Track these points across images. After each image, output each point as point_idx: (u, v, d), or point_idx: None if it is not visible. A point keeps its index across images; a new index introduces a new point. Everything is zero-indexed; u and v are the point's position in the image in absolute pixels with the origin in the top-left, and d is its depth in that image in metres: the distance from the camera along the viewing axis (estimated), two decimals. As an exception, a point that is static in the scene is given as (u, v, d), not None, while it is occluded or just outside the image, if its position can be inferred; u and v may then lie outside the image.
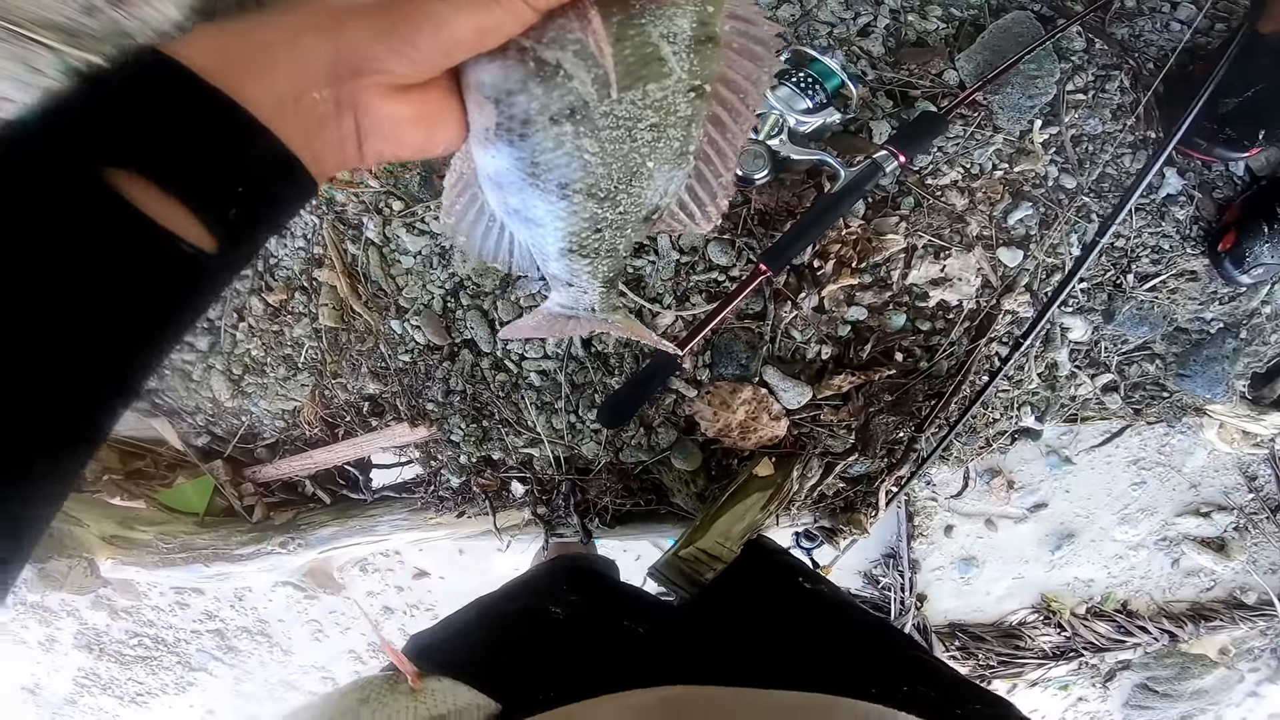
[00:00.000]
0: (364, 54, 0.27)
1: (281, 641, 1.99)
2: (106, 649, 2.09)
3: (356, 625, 1.91)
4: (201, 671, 2.12)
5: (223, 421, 1.08)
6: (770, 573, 0.90)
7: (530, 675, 0.59)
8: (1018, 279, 0.96)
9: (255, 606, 1.92)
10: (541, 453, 0.95)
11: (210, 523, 1.18)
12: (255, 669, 2.10)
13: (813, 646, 0.70)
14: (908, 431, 1.00)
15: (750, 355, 0.91)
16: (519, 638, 0.70)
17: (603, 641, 0.73)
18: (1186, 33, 1.04)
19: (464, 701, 0.51)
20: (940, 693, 0.57)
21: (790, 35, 0.93)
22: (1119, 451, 1.50)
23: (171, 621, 1.98)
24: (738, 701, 0.46)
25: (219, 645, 2.04)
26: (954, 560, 1.68)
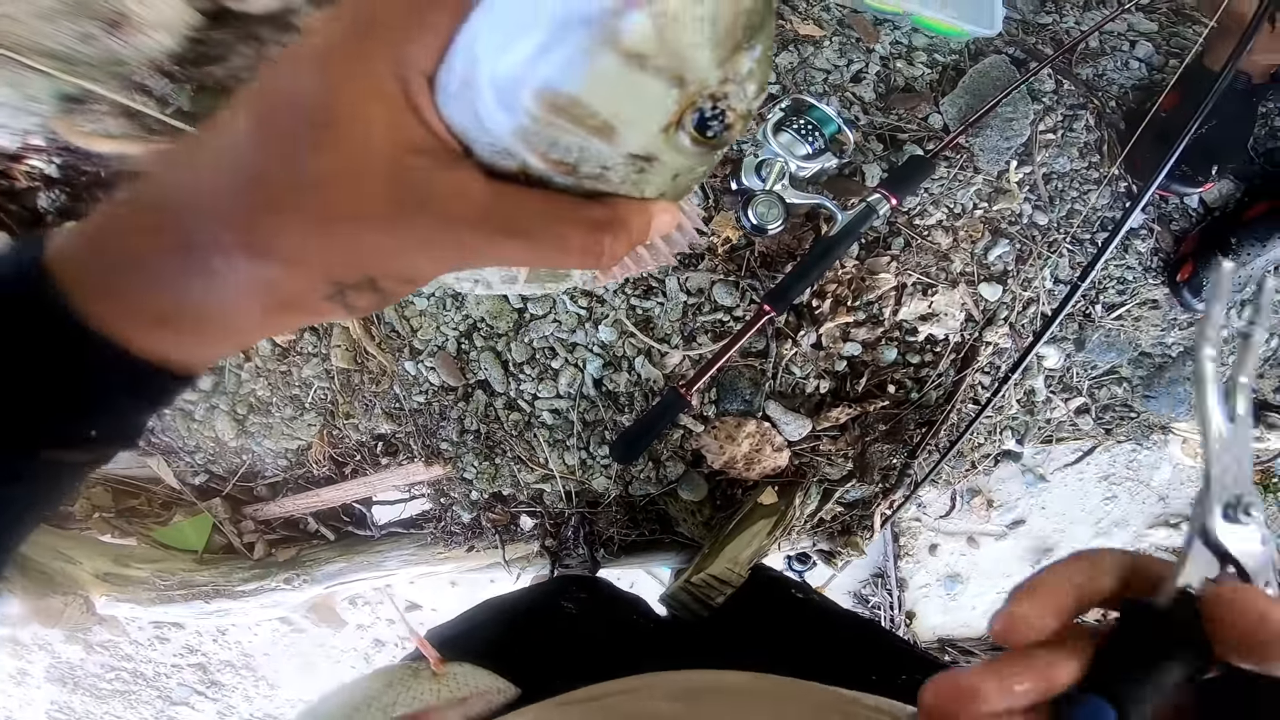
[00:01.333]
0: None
1: (268, 675, 1.97)
2: (81, 683, 2.04)
3: (347, 659, 1.90)
4: (183, 706, 2.08)
5: (223, 460, 1.08)
6: (766, 587, 0.95)
7: (547, 662, 0.62)
8: (998, 312, 1.03)
9: (239, 640, 1.90)
10: (553, 488, 0.98)
11: (209, 560, 1.18)
12: (239, 703, 2.06)
13: (814, 642, 0.75)
14: (901, 458, 1.06)
15: (754, 391, 0.95)
16: (535, 628, 0.73)
17: (616, 632, 0.77)
18: (1143, 69, 1.13)
19: (485, 685, 0.54)
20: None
21: (789, 82, 0.98)
22: (1090, 468, 1.58)
23: (150, 655, 1.94)
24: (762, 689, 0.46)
25: (201, 679, 2.01)
26: (939, 578, 1.75)
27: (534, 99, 0.22)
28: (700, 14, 0.21)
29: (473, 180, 0.24)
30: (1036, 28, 1.14)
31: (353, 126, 0.23)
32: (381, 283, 0.25)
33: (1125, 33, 1.17)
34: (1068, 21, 1.16)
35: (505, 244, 0.25)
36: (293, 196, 0.23)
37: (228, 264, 0.23)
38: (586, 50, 0.21)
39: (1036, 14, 1.16)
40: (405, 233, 0.24)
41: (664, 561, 1.17)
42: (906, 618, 1.78)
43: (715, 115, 0.24)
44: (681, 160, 0.26)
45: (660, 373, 0.93)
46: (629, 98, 0.23)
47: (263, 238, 0.23)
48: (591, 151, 0.24)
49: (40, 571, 1.11)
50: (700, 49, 0.22)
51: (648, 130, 0.24)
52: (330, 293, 0.24)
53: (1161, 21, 1.19)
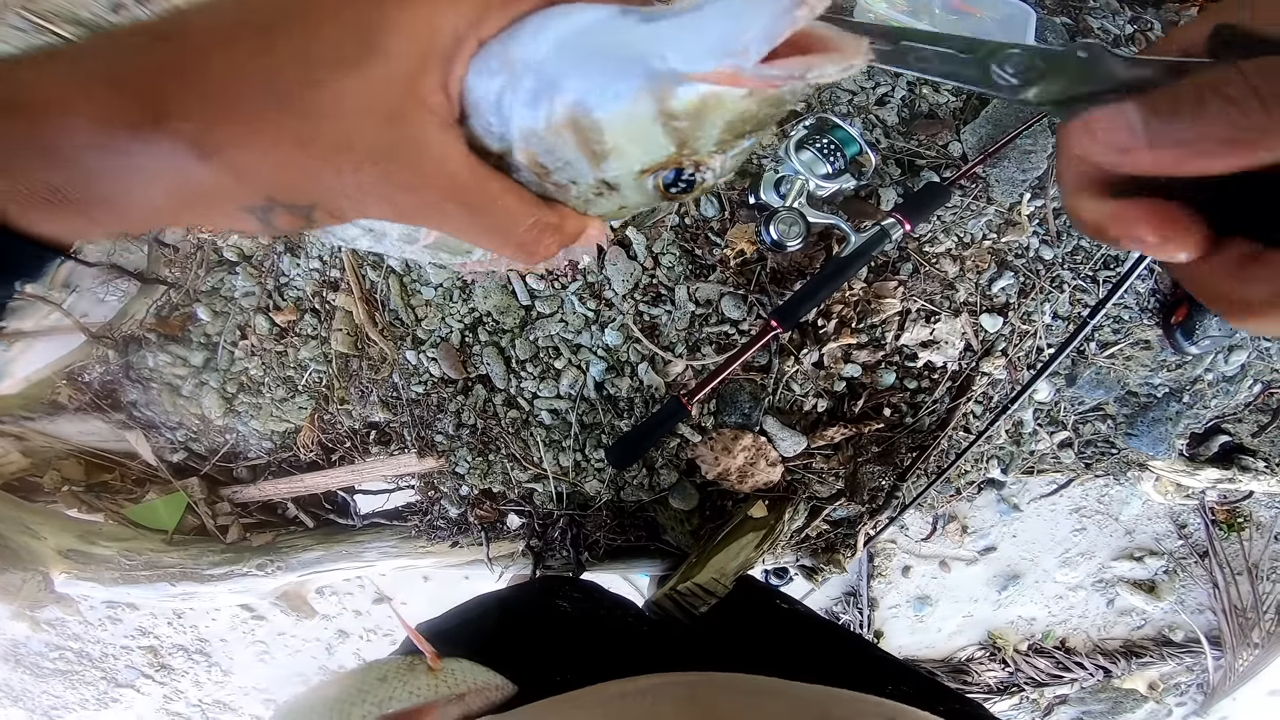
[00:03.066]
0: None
1: (221, 661, 1.93)
2: (23, 660, 1.98)
3: (308, 649, 1.87)
4: (128, 688, 2.03)
5: (205, 438, 1.06)
6: (751, 596, 0.96)
7: (544, 659, 0.61)
8: (996, 344, 1.05)
9: (195, 625, 1.86)
10: (545, 488, 0.98)
11: (180, 541, 1.15)
12: (188, 688, 2.02)
13: (802, 650, 0.76)
14: (890, 480, 1.08)
15: (753, 405, 0.96)
16: (530, 625, 0.73)
17: (612, 632, 0.77)
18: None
19: (483, 681, 0.53)
20: (918, 691, 0.62)
21: (814, 101, 1.00)
22: (1063, 500, 1.64)
23: (100, 636, 1.89)
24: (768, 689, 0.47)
25: (150, 663, 1.96)
26: (910, 599, 1.79)
27: (565, 109, 0.25)
28: (737, 107, 0.25)
29: (457, 146, 0.25)
30: (1059, 63, 1.17)
31: (385, 59, 0.22)
32: (318, 213, 0.25)
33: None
34: (1093, 58, 1.19)
35: (461, 215, 0.26)
36: (285, 112, 0.22)
37: (168, 159, 0.21)
38: (634, 94, 0.24)
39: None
40: (378, 177, 0.23)
41: (648, 569, 1.17)
42: (875, 636, 1.82)
43: (689, 178, 0.27)
44: (637, 198, 0.29)
45: (663, 380, 0.94)
46: (638, 141, 0.26)
47: (226, 144, 0.21)
48: (574, 168, 0.27)
49: (3, 545, 1.07)
50: (713, 131, 0.25)
51: (629, 168, 0.27)
52: (258, 206, 0.23)
53: None
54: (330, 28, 0.22)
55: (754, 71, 0.23)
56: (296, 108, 0.22)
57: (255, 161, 0.22)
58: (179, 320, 0.95)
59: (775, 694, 0.46)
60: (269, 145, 0.22)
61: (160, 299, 0.93)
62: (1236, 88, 0.20)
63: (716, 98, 0.24)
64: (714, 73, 0.23)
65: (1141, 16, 1.26)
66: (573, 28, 0.25)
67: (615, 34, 0.25)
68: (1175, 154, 0.21)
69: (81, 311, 1.04)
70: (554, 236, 0.28)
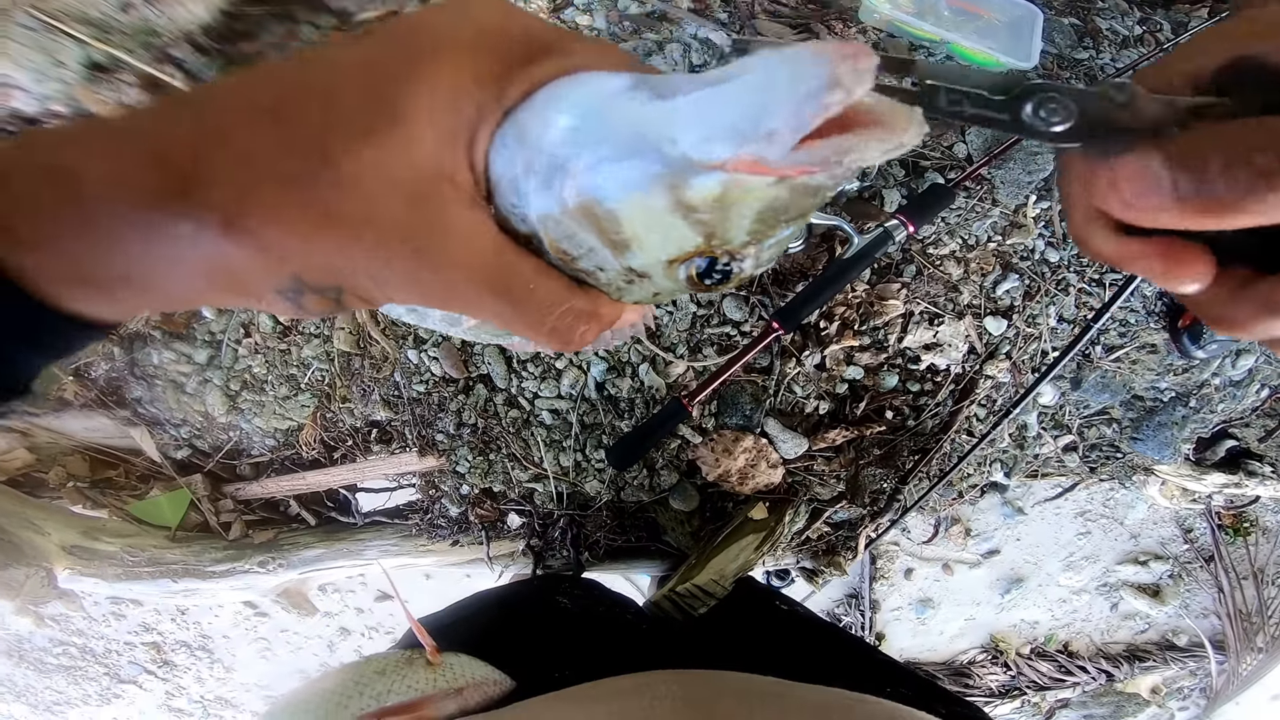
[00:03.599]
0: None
1: (224, 658, 1.94)
2: (26, 656, 2.00)
3: (310, 646, 1.88)
4: (130, 684, 2.05)
5: (209, 436, 1.07)
6: (751, 597, 0.97)
7: (542, 655, 0.62)
8: (1000, 347, 1.05)
9: (198, 621, 1.87)
10: (545, 487, 0.99)
11: (182, 538, 1.16)
12: (190, 684, 2.03)
13: (801, 650, 0.77)
14: (892, 483, 1.08)
15: (754, 407, 0.97)
16: (530, 621, 0.73)
17: (612, 629, 0.78)
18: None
19: (481, 676, 0.54)
20: (917, 693, 0.63)
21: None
22: (1067, 504, 1.64)
23: (104, 632, 1.90)
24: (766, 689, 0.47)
25: (153, 659, 1.98)
26: (912, 601, 1.79)
27: (576, 196, 0.23)
28: (766, 196, 0.22)
29: (485, 227, 0.24)
30: (1072, 62, 1.17)
31: (406, 133, 0.22)
32: (346, 296, 0.24)
33: (1157, 72, 1.20)
34: (1104, 58, 1.19)
35: (489, 301, 0.25)
36: (306, 188, 0.21)
37: (196, 234, 0.21)
38: (647, 183, 0.22)
39: (1073, 49, 1.18)
40: (401, 257, 0.23)
41: (648, 569, 1.18)
42: (876, 638, 1.82)
43: (724, 269, 0.25)
44: (670, 286, 0.27)
45: (663, 381, 0.94)
46: (657, 231, 0.24)
47: (250, 219, 0.21)
48: (598, 255, 0.25)
49: (8, 541, 1.08)
50: (743, 222, 0.23)
51: (656, 258, 0.25)
52: (288, 288, 0.23)
53: None
54: (350, 101, 0.22)
55: (778, 160, 0.21)
56: (317, 184, 0.22)
57: (279, 239, 0.22)
58: (183, 318, 0.96)
59: (773, 694, 0.46)
60: (291, 222, 0.22)
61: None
62: (1267, 159, 0.20)
63: (740, 187, 0.22)
64: (734, 160, 0.21)
65: (1151, 17, 1.25)
66: (584, 103, 0.23)
67: (626, 112, 0.22)
68: (1199, 218, 0.22)
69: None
70: (589, 323, 0.27)
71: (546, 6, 1.03)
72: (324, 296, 0.24)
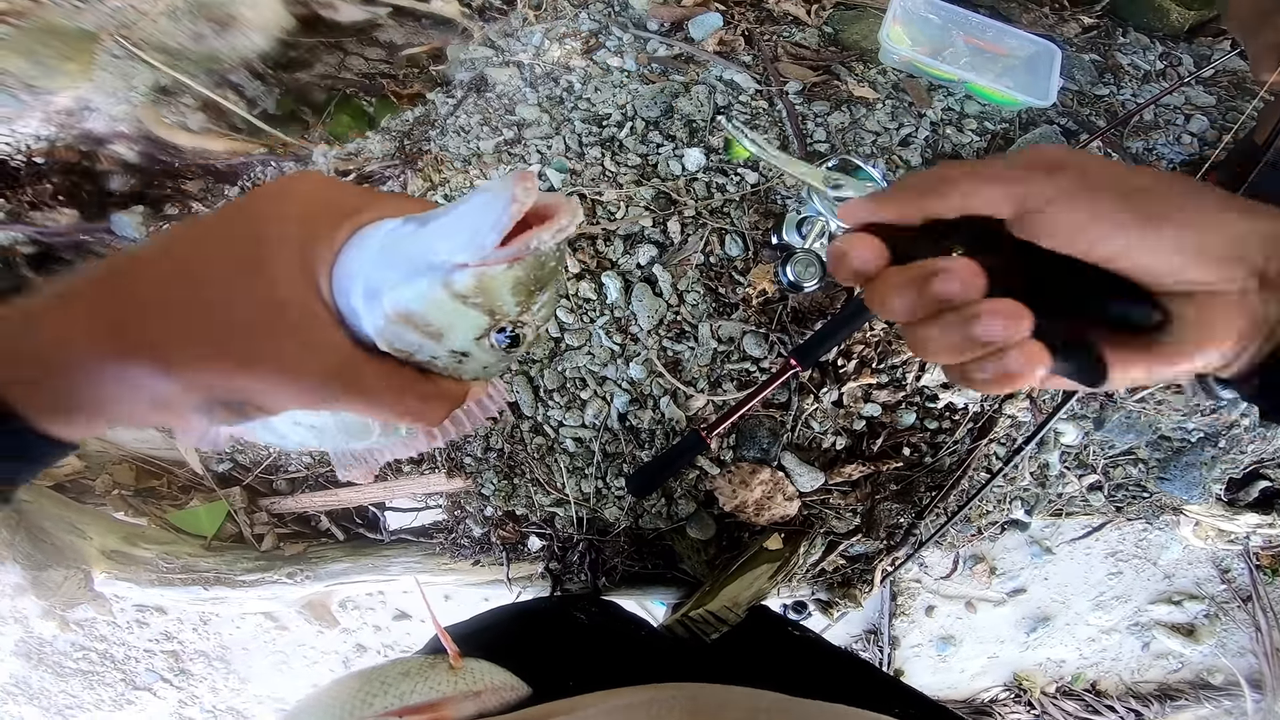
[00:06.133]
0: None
1: (240, 669, 2.04)
2: (46, 659, 2.12)
3: (326, 661, 1.98)
4: (145, 691, 2.15)
5: (250, 451, 1.17)
6: (764, 623, 1.03)
7: (558, 665, 0.67)
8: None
9: (219, 631, 1.98)
10: (566, 512, 1.07)
11: (217, 547, 1.26)
12: (204, 694, 2.13)
13: (808, 670, 0.83)
14: (908, 518, 1.14)
15: (772, 441, 1.04)
16: (548, 633, 0.80)
17: (624, 644, 0.84)
18: (1195, 144, 1.20)
19: (499, 681, 0.59)
20: (924, 714, 0.67)
21: (838, 142, 1.08)
22: (1098, 544, 1.67)
23: (125, 638, 2.02)
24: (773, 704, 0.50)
25: (171, 667, 2.08)
26: (933, 638, 1.83)
27: (391, 309, 0.34)
28: (508, 277, 0.33)
29: (342, 342, 0.35)
30: (1092, 99, 1.23)
31: (268, 280, 0.33)
32: (247, 408, 0.34)
33: (1182, 106, 1.24)
34: (1125, 93, 1.24)
35: (355, 396, 0.35)
36: (211, 338, 0.31)
37: (140, 376, 0.31)
38: (428, 288, 0.33)
39: (1094, 85, 1.24)
40: (280, 372, 0.32)
41: (662, 596, 1.25)
42: (895, 674, 1.86)
43: (512, 335, 0.35)
44: (487, 357, 0.37)
45: (684, 414, 1.02)
46: (454, 318, 0.34)
47: (177, 364, 0.31)
48: (426, 347, 0.35)
49: (51, 544, 1.19)
50: (506, 297, 0.34)
51: (466, 338, 0.35)
52: (202, 405, 0.33)
53: (1220, 95, 1.27)
54: (232, 269, 0.32)
55: (496, 254, 0.31)
56: (209, 326, 0.31)
57: (197, 374, 0.31)
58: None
59: (779, 709, 0.50)
60: (204, 360, 0.31)
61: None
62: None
63: (488, 275, 0.32)
64: (473, 259, 0.32)
65: (1172, 52, 1.31)
66: (378, 240, 0.34)
67: (403, 241, 0.33)
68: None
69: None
70: (437, 402, 0.37)
71: (580, 49, 1.12)
72: (231, 409, 0.33)
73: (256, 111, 1.19)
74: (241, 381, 0.32)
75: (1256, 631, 1.76)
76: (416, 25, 1.33)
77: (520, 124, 1.11)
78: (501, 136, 1.10)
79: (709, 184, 1.04)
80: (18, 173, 1.21)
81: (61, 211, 1.23)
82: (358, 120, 1.39)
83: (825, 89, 1.13)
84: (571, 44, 1.15)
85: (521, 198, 0.30)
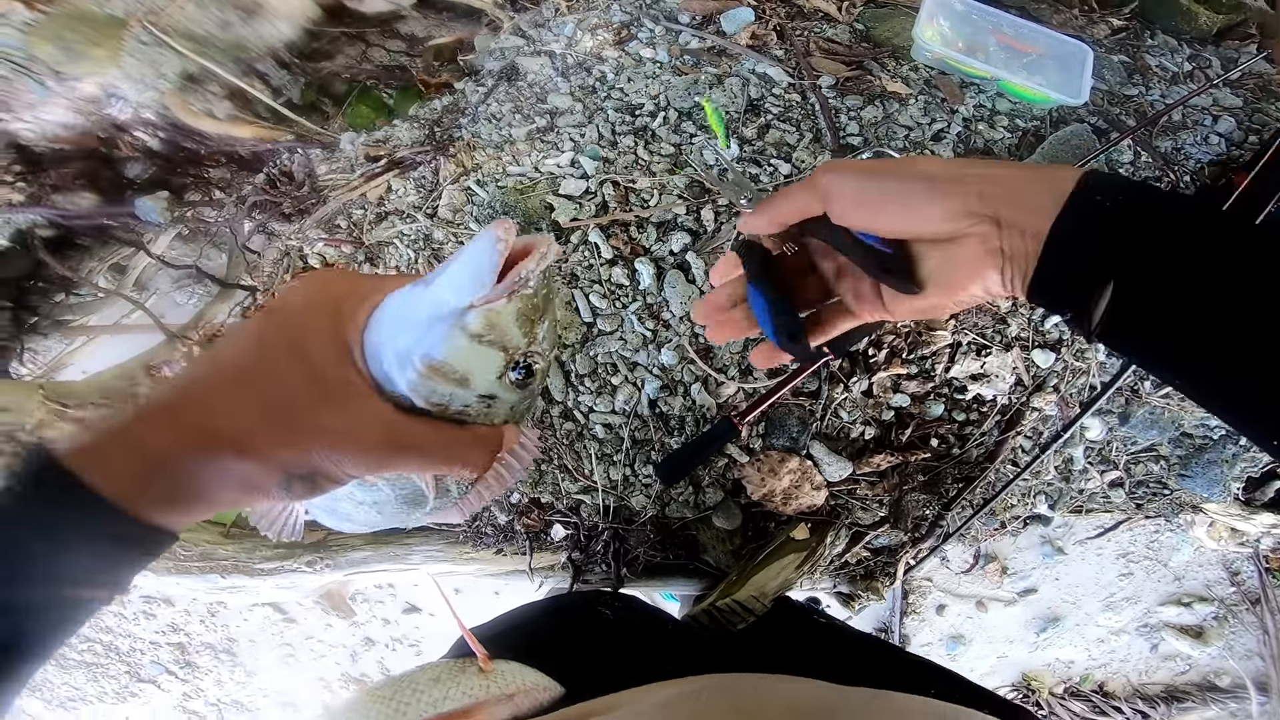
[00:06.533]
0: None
1: (246, 662, 2.02)
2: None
3: (333, 654, 1.96)
4: (149, 684, 2.13)
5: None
6: (789, 613, 1.03)
7: (589, 663, 0.67)
8: (1048, 380, 1.11)
9: (226, 624, 1.96)
10: (592, 500, 1.06)
11: (235, 534, 1.25)
12: (209, 687, 2.11)
13: (840, 656, 0.82)
14: (935, 510, 1.14)
15: (801, 430, 1.04)
16: (576, 631, 0.79)
17: (652, 638, 0.84)
18: (1223, 145, 1.21)
19: (531, 682, 0.58)
20: (963, 696, 0.67)
21: (871, 136, 1.08)
22: (1109, 545, 1.67)
23: (131, 630, 2.00)
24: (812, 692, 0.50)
25: (176, 659, 2.06)
26: (943, 637, 1.83)
27: (420, 364, 0.38)
28: (511, 310, 0.37)
29: (381, 408, 0.39)
30: (1121, 98, 1.23)
31: (310, 364, 0.38)
32: (319, 479, 0.38)
33: (1210, 107, 1.25)
34: (1153, 94, 1.25)
35: (407, 453, 0.39)
36: (280, 424, 0.36)
37: (227, 464, 0.36)
38: (447, 333, 0.37)
39: (1123, 85, 1.25)
40: (347, 445, 0.37)
41: (684, 588, 1.24)
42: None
43: (525, 367, 0.40)
44: (511, 397, 0.41)
45: (714, 401, 1.02)
46: (474, 360, 0.38)
47: (253, 447, 0.36)
48: (457, 396, 0.39)
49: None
50: (512, 329, 0.38)
51: (488, 379, 0.39)
52: (281, 481, 0.37)
53: (1247, 97, 1.28)
54: (273, 361, 0.38)
55: (496, 290, 0.36)
56: (272, 411, 0.37)
57: (264, 450, 0.36)
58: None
59: (819, 696, 0.50)
60: (266, 440, 0.36)
61: (241, 303, 1.04)
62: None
63: (494, 310, 0.37)
64: (480, 299, 0.36)
65: (1200, 54, 1.32)
66: (394, 309, 0.39)
67: (415, 302, 0.38)
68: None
69: (160, 312, 1.15)
70: (479, 446, 0.41)
71: (612, 40, 1.12)
72: (304, 482, 0.38)
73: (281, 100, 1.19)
74: (304, 450, 0.37)
75: (1264, 634, 1.77)
76: (439, 18, 1.33)
77: (553, 112, 1.10)
78: (534, 124, 1.09)
79: (743, 173, 1.04)
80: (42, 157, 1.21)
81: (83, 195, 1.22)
82: (378, 112, 1.39)
83: (858, 84, 1.14)
84: (604, 35, 1.15)
85: (504, 236, 0.36)
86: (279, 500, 0.39)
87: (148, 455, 0.35)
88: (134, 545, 0.36)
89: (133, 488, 0.34)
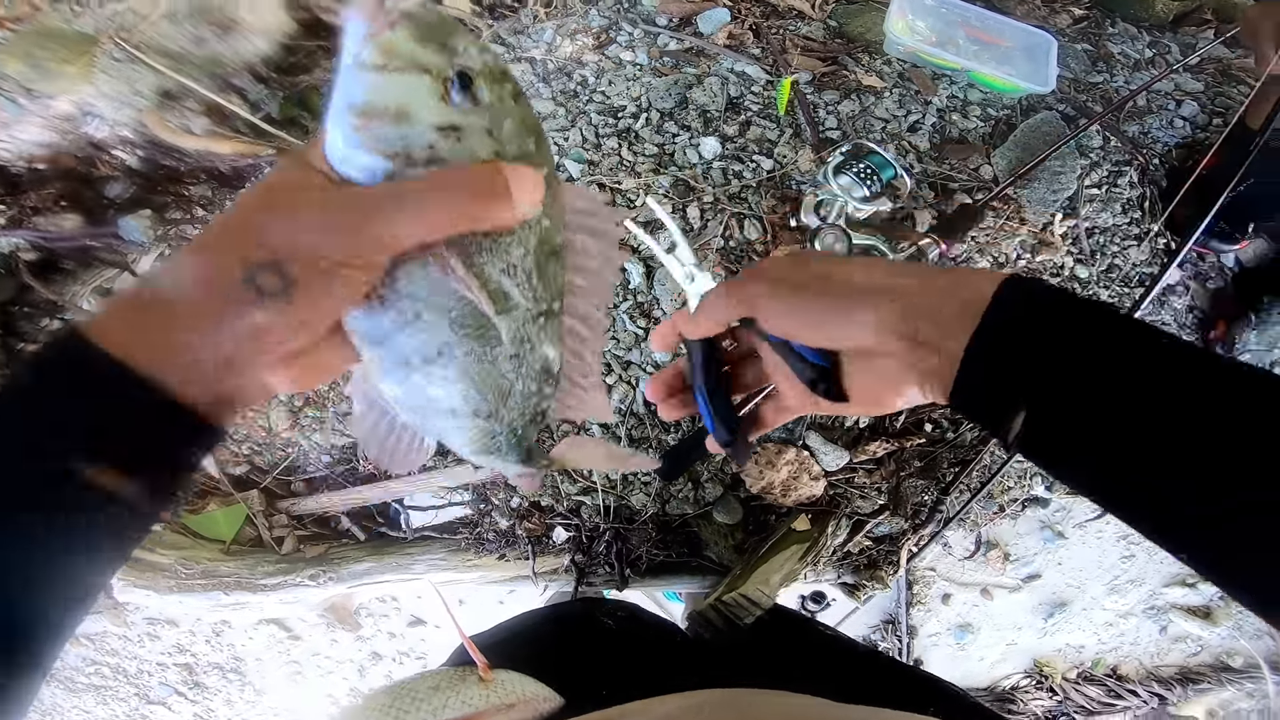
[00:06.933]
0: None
1: (255, 680, 2.02)
2: (57, 674, 2.09)
3: (340, 670, 1.95)
4: (159, 705, 2.12)
5: (268, 452, 1.16)
6: (791, 623, 1.03)
7: (590, 673, 0.66)
8: (1036, 362, 1.12)
9: (232, 643, 1.95)
10: (593, 500, 1.06)
11: (236, 551, 1.25)
12: (219, 707, 2.10)
13: (842, 671, 0.82)
14: (933, 495, 1.14)
15: (796, 421, 1.04)
16: (576, 640, 0.78)
17: (654, 649, 0.83)
18: (1188, 128, 1.24)
19: (531, 693, 0.57)
20: (964, 715, 0.66)
21: (850, 129, 1.09)
22: (1109, 528, 1.68)
23: (137, 652, 1.99)
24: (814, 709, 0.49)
25: (185, 680, 2.05)
26: (950, 627, 1.83)
27: (349, 115, 0.34)
28: (404, 34, 0.34)
29: (356, 185, 0.35)
30: (1087, 86, 1.26)
31: (275, 175, 0.36)
32: (284, 265, 0.33)
33: (1172, 92, 1.28)
34: (1118, 81, 1.27)
35: (404, 211, 0.34)
36: (236, 212, 0.34)
37: (181, 262, 0.33)
38: (355, 76, 0.34)
39: (1088, 73, 1.27)
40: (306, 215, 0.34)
41: (688, 586, 1.24)
42: (914, 664, 1.85)
43: (464, 79, 0.35)
44: (477, 120, 0.36)
45: (708, 396, 1.02)
46: (395, 89, 0.34)
47: (203, 240, 0.34)
48: (409, 135, 0.35)
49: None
50: (418, 50, 0.34)
51: (429, 106, 0.35)
52: (246, 276, 0.33)
53: (1208, 82, 1.31)
54: (280, 190, 0.36)
55: (375, 22, 0.34)
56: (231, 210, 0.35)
57: (209, 239, 0.34)
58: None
59: (821, 714, 0.49)
60: (214, 229, 0.34)
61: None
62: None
63: (383, 39, 0.34)
64: (366, 35, 0.34)
65: (1160, 40, 1.34)
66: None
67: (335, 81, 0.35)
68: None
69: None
70: (476, 179, 0.36)
71: (592, 44, 1.13)
72: (270, 273, 0.33)
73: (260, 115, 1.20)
74: (242, 220, 0.34)
75: (1273, 613, 1.77)
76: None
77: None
78: (517, 130, 1.10)
79: (725, 170, 1.05)
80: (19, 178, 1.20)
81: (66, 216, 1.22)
82: (359, 125, 1.39)
83: (834, 79, 1.15)
84: (583, 40, 1.16)
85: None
86: (250, 304, 0.33)
87: (174, 316, 0.32)
88: (205, 440, 0.34)
89: (131, 337, 0.32)
